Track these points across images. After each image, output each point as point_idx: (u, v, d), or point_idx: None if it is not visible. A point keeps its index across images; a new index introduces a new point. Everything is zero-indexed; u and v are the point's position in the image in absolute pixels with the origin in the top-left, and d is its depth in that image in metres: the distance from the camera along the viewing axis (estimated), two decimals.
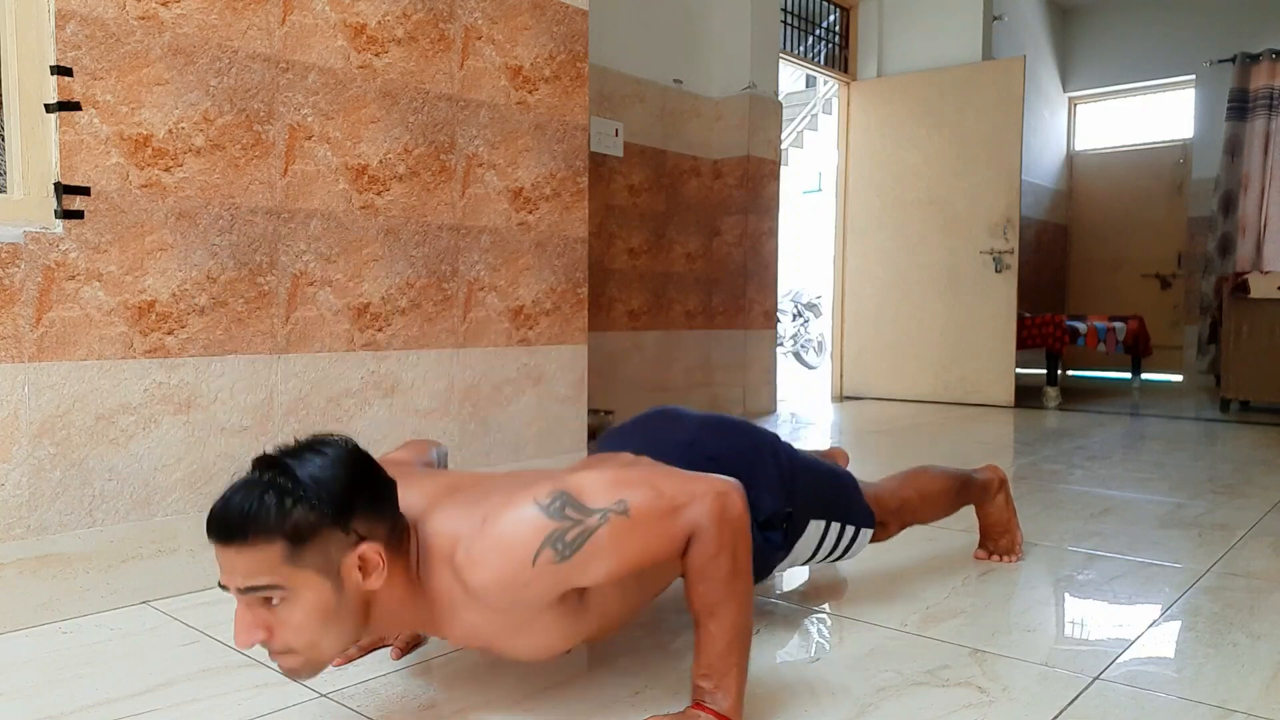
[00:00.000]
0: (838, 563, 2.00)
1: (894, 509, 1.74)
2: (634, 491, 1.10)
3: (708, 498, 1.11)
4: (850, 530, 1.62)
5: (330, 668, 1.37)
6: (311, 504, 1.00)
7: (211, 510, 1.01)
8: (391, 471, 1.14)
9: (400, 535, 1.10)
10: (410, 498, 1.14)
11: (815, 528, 1.55)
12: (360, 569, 1.04)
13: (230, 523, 0.99)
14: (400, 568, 1.09)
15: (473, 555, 1.06)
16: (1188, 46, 6.59)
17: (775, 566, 1.55)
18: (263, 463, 1.03)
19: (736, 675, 1.13)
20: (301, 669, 1.07)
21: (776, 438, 1.57)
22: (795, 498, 1.50)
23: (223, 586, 1.03)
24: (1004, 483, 1.98)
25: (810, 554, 1.59)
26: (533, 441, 2.44)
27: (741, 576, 1.12)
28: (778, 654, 1.48)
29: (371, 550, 1.04)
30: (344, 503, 1.02)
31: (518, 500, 1.08)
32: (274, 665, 1.38)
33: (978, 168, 5.30)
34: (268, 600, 1.01)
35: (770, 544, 1.46)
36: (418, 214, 2.14)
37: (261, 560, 0.99)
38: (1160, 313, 7.02)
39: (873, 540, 1.71)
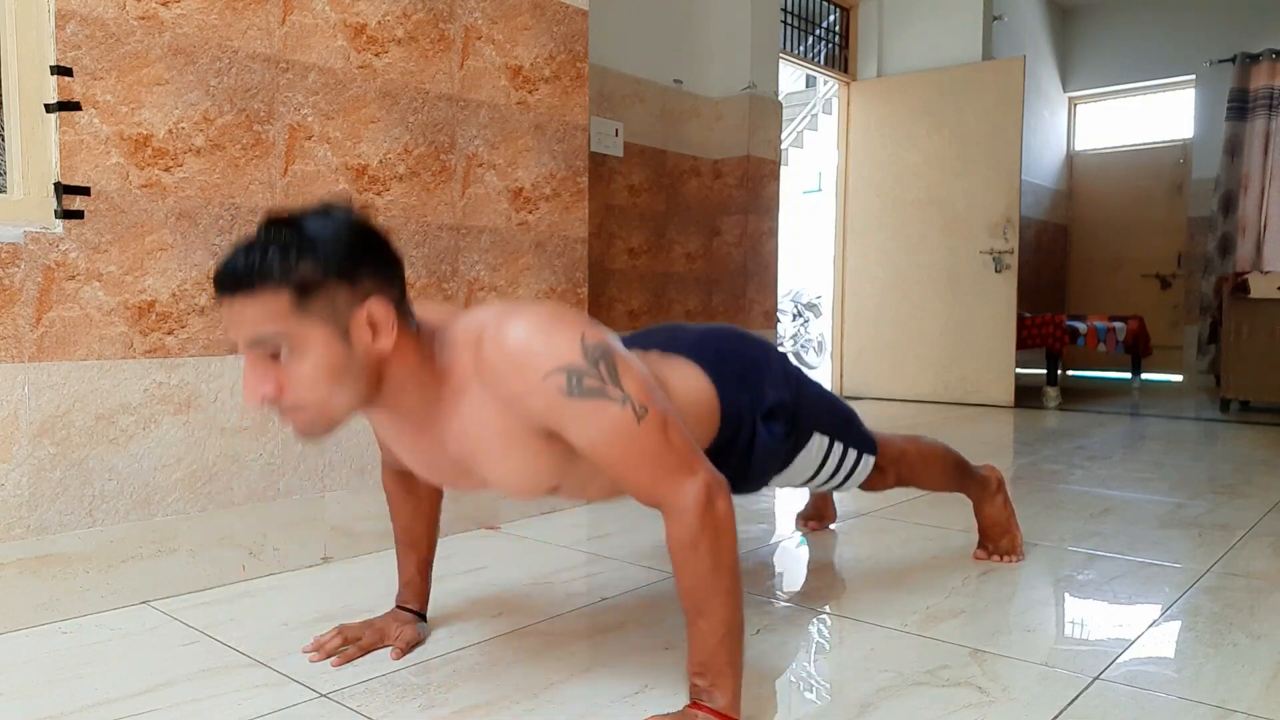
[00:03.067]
0: (836, 555, 2.00)
1: (893, 457, 1.74)
2: (656, 412, 1.10)
3: (699, 479, 1.10)
4: (852, 454, 1.62)
5: (330, 668, 1.37)
6: (319, 255, 1.01)
7: (219, 263, 1.02)
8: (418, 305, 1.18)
9: (409, 311, 1.11)
10: (440, 311, 1.18)
11: (818, 442, 1.55)
12: (370, 327, 1.05)
13: (237, 272, 1.00)
14: (409, 338, 1.10)
15: (498, 335, 1.07)
16: (1188, 46, 6.59)
17: (775, 472, 1.53)
18: (270, 220, 1.04)
19: (731, 672, 1.12)
20: (312, 425, 1.07)
21: (785, 355, 1.58)
22: (800, 402, 1.50)
23: (232, 349, 1.04)
24: (1002, 483, 1.99)
25: (811, 472, 1.58)
26: None
27: (727, 572, 1.11)
28: (778, 654, 1.48)
29: (380, 308, 1.05)
30: (351, 258, 1.03)
31: (565, 324, 1.09)
32: (274, 665, 1.38)
33: (978, 168, 5.30)
34: (276, 354, 1.02)
35: (773, 435, 1.44)
36: (418, 214, 2.14)
37: (269, 309, 1.00)
38: (1160, 313, 7.02)
39: (868, 487, 1.71)
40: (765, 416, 1.42)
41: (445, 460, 1.20)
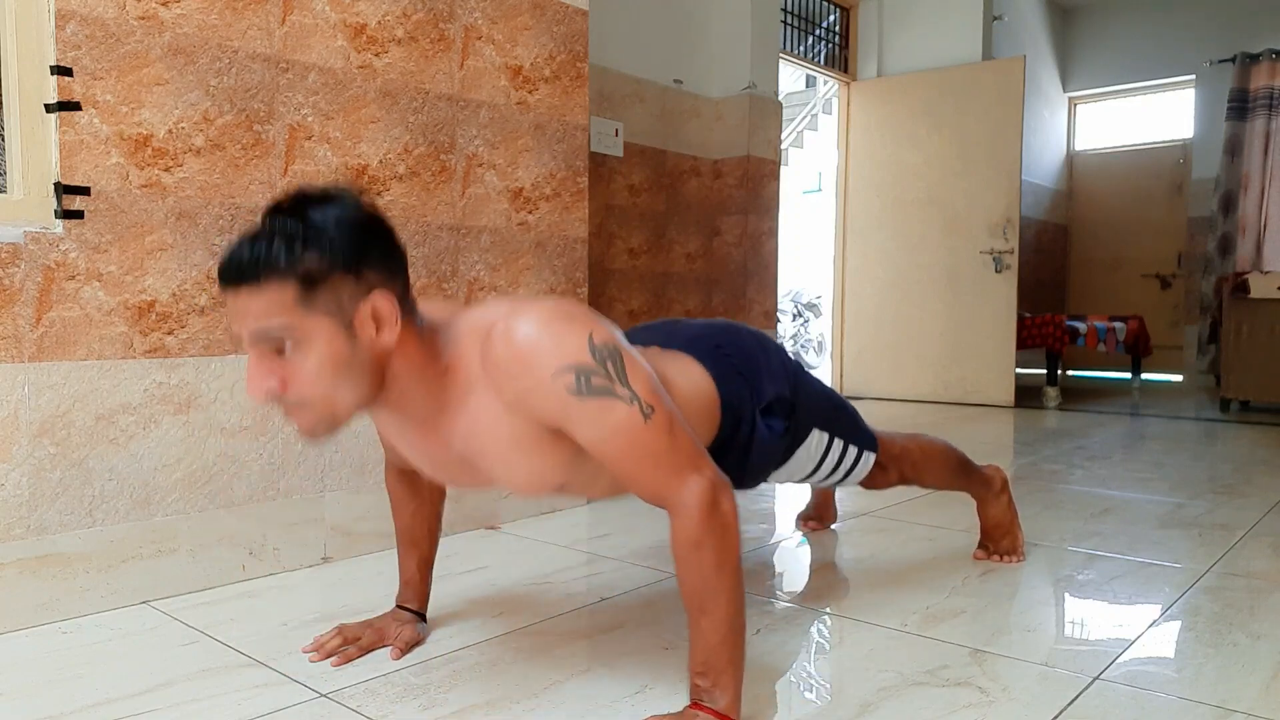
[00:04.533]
0: (836, 555, 2.00)
1: (895, 455, 1.74)
2: (662, 412, 1.10)
3: (703, 479, 1.11)
4: (853, 450, 1.61)
5: (330, 668, 1.37)
6: (324, 248, 1.00)
7: (223, 255, 1.02)
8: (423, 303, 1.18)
9: (413, 306, 1.11)
10: (444, 308, 1.19)
11: (818, 438, 1.54)
12: (374, 321, 1.05)
13: (241, 265, 1.00)
14: (413, 333, 1.10)
15: (507, 332, 1.07)
16: (1188, 46, 6.59)
17: (774, 467, 1.53)
18: (275, 210, 1.03)
19: (733, 672, 1.12)
20: (317, 424, 1.07)
21: (783, 348, 1.57)
22: (798, 397, 1.49)
23: (235, 343, 1.04)
24: (1006, 483, 1.98)
25: (811, 468, 1.57)
26: None
27: (730, 571, 1.11)
28: (778, 654, 1.48)
29: (384, 301, 1.05)
30: (356, 250, 1.03)
31: (575, 324, 1.09)
32: (274, 665, 1.38)
33: (978, 168, 5.30)
34: (280, 348, 1.02)
35: (772, 431, 1.44)
36: (418, 214, 2.14)
37: (273, 302, 1.00)
38: (1160, 313, 7.02)
39: (870, 485, 1.70)
40: (764, 411, 1.42)
41: (451, 458, 1.20)
